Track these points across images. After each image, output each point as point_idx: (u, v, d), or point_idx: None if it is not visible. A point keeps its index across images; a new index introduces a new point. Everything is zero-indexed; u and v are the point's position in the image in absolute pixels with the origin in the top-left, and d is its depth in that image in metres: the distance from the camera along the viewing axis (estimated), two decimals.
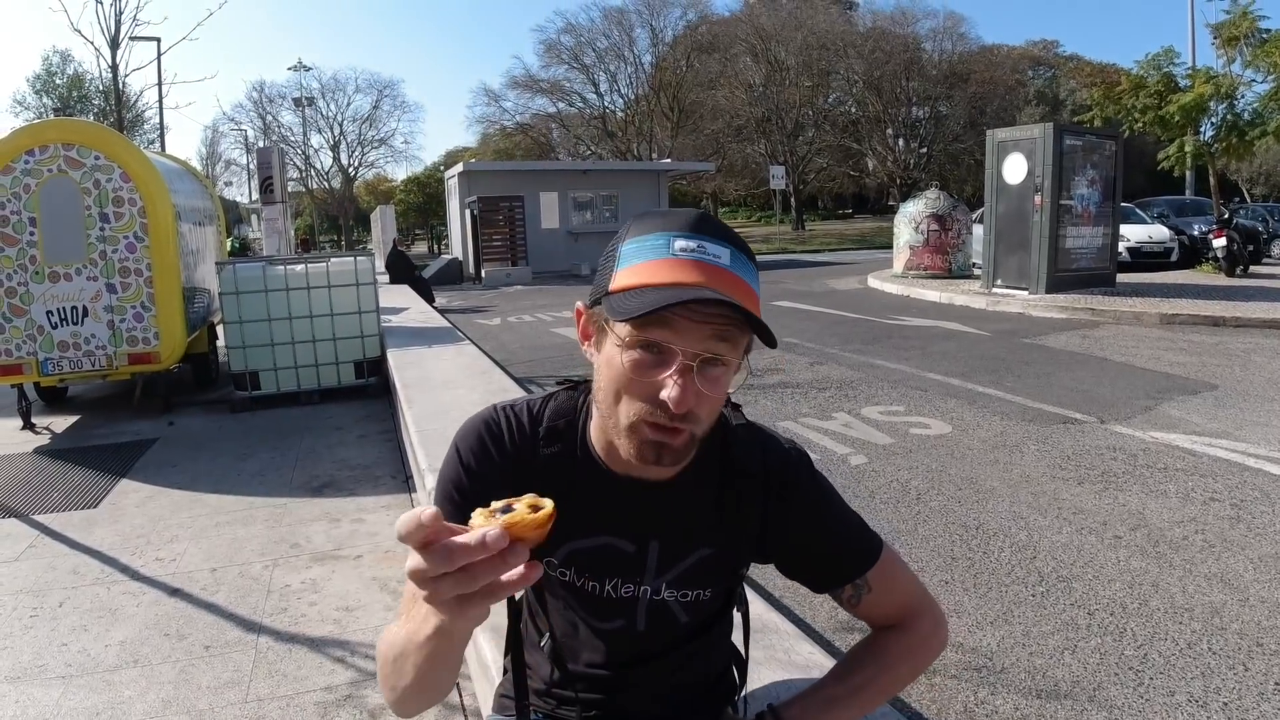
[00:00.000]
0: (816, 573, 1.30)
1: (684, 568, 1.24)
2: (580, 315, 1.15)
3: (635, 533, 1.23)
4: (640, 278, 1.03)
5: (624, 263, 1.06)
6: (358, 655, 3.04)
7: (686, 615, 1.28)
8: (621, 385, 1.06)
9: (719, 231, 1.07)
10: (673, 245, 1.03)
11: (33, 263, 6.35)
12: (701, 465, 1.21)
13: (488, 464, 1.21)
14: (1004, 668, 2.88)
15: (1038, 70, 55.29)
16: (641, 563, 1.24)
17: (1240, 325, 10.02)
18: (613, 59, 50.14)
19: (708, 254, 1.03)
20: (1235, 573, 3.55)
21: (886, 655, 1.29)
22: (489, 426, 1.24)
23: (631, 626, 1.26)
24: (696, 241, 1.04)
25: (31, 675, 2.96)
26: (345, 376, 7.70)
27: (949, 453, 5.37)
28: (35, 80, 46.26)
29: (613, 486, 1.20)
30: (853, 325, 11.34)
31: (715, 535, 1.25)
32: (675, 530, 1.23)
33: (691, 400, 1.02)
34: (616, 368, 1.05)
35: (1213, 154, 16.23)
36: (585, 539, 1.22)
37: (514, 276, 22.37)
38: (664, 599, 1.25)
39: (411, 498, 4.76)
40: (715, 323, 1.01)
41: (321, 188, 54.65)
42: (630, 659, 1.29)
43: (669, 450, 1.06)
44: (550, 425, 1.23)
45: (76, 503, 4.93)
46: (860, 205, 61.80)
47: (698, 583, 1.26)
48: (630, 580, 1.24)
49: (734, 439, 1.26)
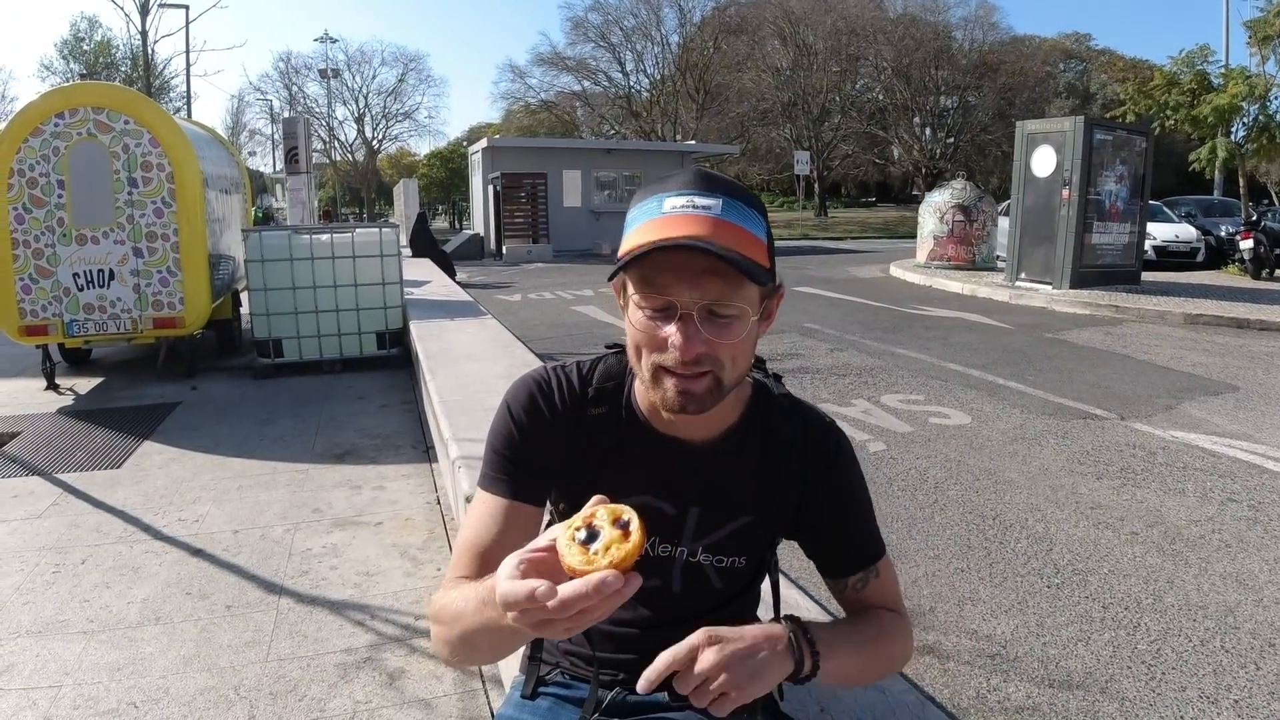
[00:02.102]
0: (837, 553, 1.30)
1: (722, 535, 1.27)
2: (617, 290, 1.19)
3: (677, 496, 1.25)
4: (636, 239, 1.07)
5: (626, 231, 1.11)
6: (378, 619, 3.08)
7: (720, 581, 1.30)
8: (640, 341, 1.11)
9: (712, 184, 1.09)
10: (664, 205, 1.07)
11: (60, 225, 6.41)
12: (743, 431, 1.26)
13: (539, 421, 1.25)
14: (1017, 656, 2.89)
15: (1069, 63, 54.65)
16: (680, 526, 1.26)
17: (1264, 328, 9.93)
18: (640, 38, 49.87)
19: (696, 206, 1.06)
20: (1250, 573, 3.54)
21: (888, 629, 1.28)
22: (540, 385, 1.27)
23: (667, 587, 1.28)
24: (686, 198, 1.07)
25: (54, 630, 3.02)
26: (368, 347, 7.74)
27: (968, 443, 5.37)
28: (63, 45, 46.57)
29: (657, 447, 1.24)
30: (874, 313, 11.31)
31: (754, 504, 1.27)
32: (716, 497, 1.25)
33: (698, 346, 1.06)
34: (633, 326, 1.11)
35: (1243, 155, 16.04)
36: (628, 498, 1.21)
37: (535, 254, 22.38)
38: (699, 562, 1.27)
39: (432, 468, 4.80)
40: (702, 269, 1.04)
41: (345, 160, 54.86)
42: (662, 621, 1.30)
43: (693, 396, 1.10)
44: (599, 386, 1.27)
45: (100, 463, 4.99)
46: (884, 194, 61.43)
47: (734, 550, 1.28)
48: (668, 541, 1.26)
49: (776, 407, 1.29)
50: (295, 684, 2.65)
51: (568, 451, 1.25)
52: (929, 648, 2.95)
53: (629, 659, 1.31)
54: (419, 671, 2.72)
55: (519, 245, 22.74)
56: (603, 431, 1.26)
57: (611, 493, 1.18)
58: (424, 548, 3.73)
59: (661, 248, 1.03)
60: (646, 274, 1.07)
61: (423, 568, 3.53)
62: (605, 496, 0.97)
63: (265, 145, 53.73)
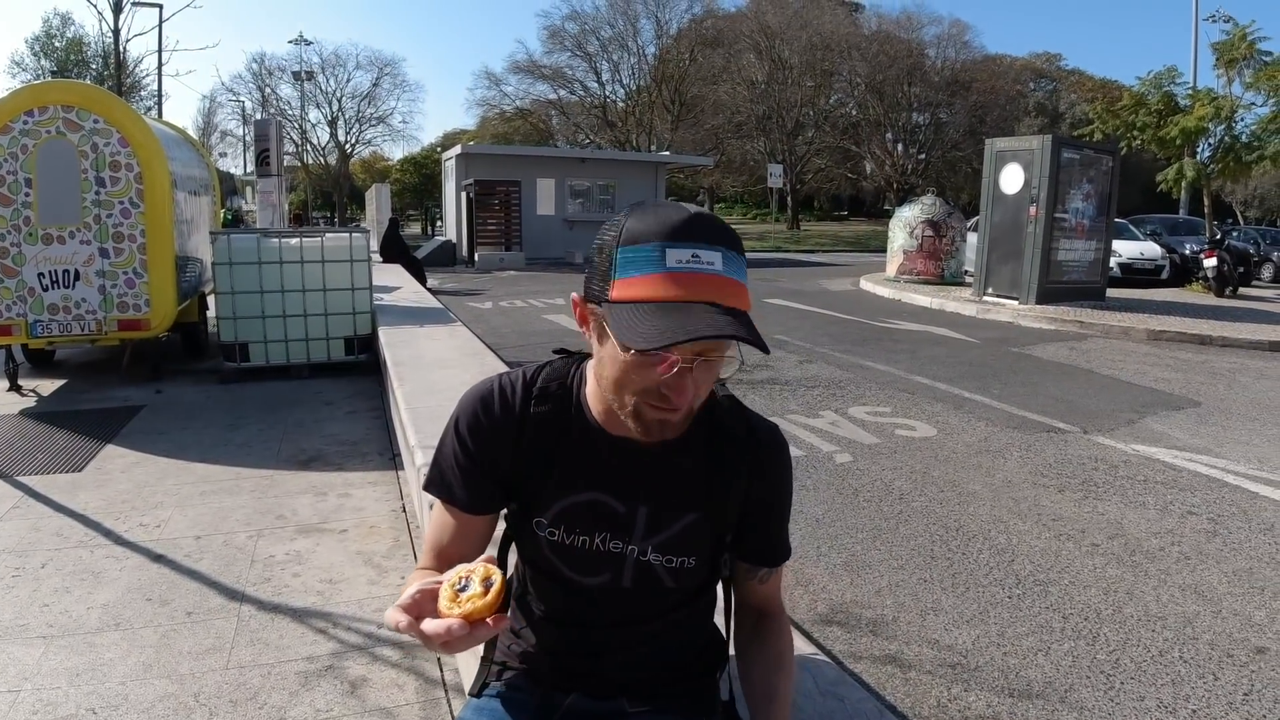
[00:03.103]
0: (764, 545, 1.37)
1: (671, 533, 1.30)
2: (576, 305, 1.18)
3: (626, 494, 1.28)
4: (639, 291, 1.06)
5: (621, 272, 1.09)
6: (340, 627, 3.06)
7: (672, 581, 1.32)
8: (622, 379, 1.13)
9: (709, 234, 1.09)
10: (668, 257, 1.06)
11: (26, 224, 6.32)
12: (689, 432, 1.28)
13: (481, 434, 1.29)
14: (978, 666, 2.92)
15: (1039, 82, 55.44)
16: (630, 524, 1.29)
17: (1226, 345, 10.11)
18: (616, 48, 50.01)
19: (701, 263, 1.06)
20: (1209, 585, 3.60)
21: (778, 657, 1.35)
22: (483, 398, 1.31)
23: (617, 581, 1.31)
24: (689, 251, 1.06)
25: (12, 634, 2.97)
26: (335, 352, 7.69)
27: (933, 455, 5.42)
28: (34, 42, 46.02)
29: (604, 445, 1.27)
30: (843, 326, 11.38)
31: (702, 501, 1.30)
32: (664, 495, 1.29)
33: (690, 394, 1.12)
34: (619, 364, 1.12)
35: (1208, 175, 16.33)
36: (576, 495, 1.28)
37: (507, 261, 22.35)
38: (650, 561, 1.30)
39: (399, 475, 4.77)
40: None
41: (317, 163, 54.42)
42: (614, 619, 1.34)
43: (670, 425, 1.18)
44: (542, 387, 1.31)
45: (62, 466, 4.92)
46: (856, 207, 61.91)
47: (683, 549, 1.31)
48: (619, 538, 1.29)
49: (719, 407, 1.33)
50: (256, 692, 2.63)
51: (513, 455, 1.29)
52: (891, 657, 2.97)
53: (584, 661, 1.35)
54: (381, 680, 2.71)
55: (491, 252, 22.70)
56: (548, 430, 1.28)
57: (561, 489, 1.29)
58: (388, 555, 3.71)
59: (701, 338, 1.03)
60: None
61: (387, 575, 3.51)
62: (492, 556, 1.16)
63: (237, 147, 53.39)
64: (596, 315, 1.15)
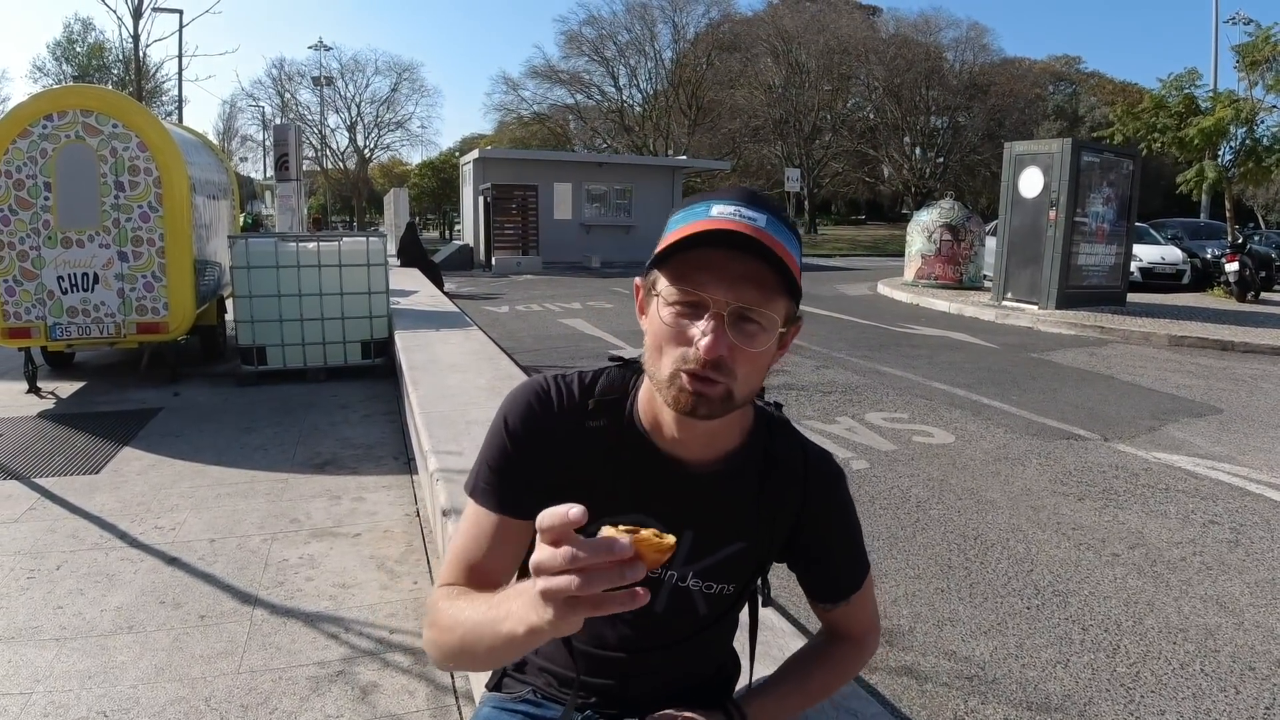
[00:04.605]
0: (822, 579, 1.34)
1: (714, 560, 1.26)
2: (638, 290, 1.18)
3: (672, 518, 1.20)
4: (678, 234, 1.07)
5: (668, 230, 1.11)
6: (352, 632, 3.05)
7: (706, 607, 1.29)
8: (662, 338, 1.09)
9: (758, 201, 1.10)
10: (712, 209, 1.08)
11: (46, 227, 6.37)
12: (744, 457, 1.25)
13: (534, 434, 1.22)
14: (996, 678, 2.88)
15: (1058, 85, 55.12)
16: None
17: (1249, 351, 9.99)
18: (633, 53, 50.10)
19: (745, 216, 1.07)
20: (1231, 596, 3.55)
21: (835, 665, 1.38)
22: (539, 395, 1.25)
23: (649, 608, 1.21)
24: (734, 207, 1.08)
25: (26, 636, 2.98)
26: (352, 356, 7.70)
27: (951, 462, 5.37)
28: (55, 47, 46.57)
29: (656, 465, 1.21)
30: (860, 331, 11.33)
31: (750, 530, 1.26)
32: (711, 521, 1.24)
33: (723, 348, 1.05)
34: (658, 323, 1.10)
35: (1230, 179, 16.19)
36: (622, 516, 1.18)
37: (524, 265, 22.38)
38: (688, 587, 1.26)
39: (413, 479, 4.77)
40: (744, 272, 1.05)
41: (336, 168, 54.79)
42: (643, 644, 1.30)
43: (705, 400, 1.08)
44: (600, 398, 1.24)
45: (79, 468, 4.94)
46: (874, 212, 61.70)
47: (724, 576, 1.27)
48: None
49: (777, 432, 1.30)
50: (266, 696, 2.62)
51: (563, 465, 1.22)
52: (907, 668, 2.94)
53: (606, 683, 1.31)
54: (392, 686, 2.69)
55: (508, 257, 22.74)
56: (600, 445, 1.22)
57: (605, 510, 1.17)
58: (401, 560, 3.70)
59: (709, 242, 1.03)
60: (684, 270, 1.07)
61: (399, 580, 3.50)
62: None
63: (256, 151, 53.68)
64: (646, 283, 1.15)
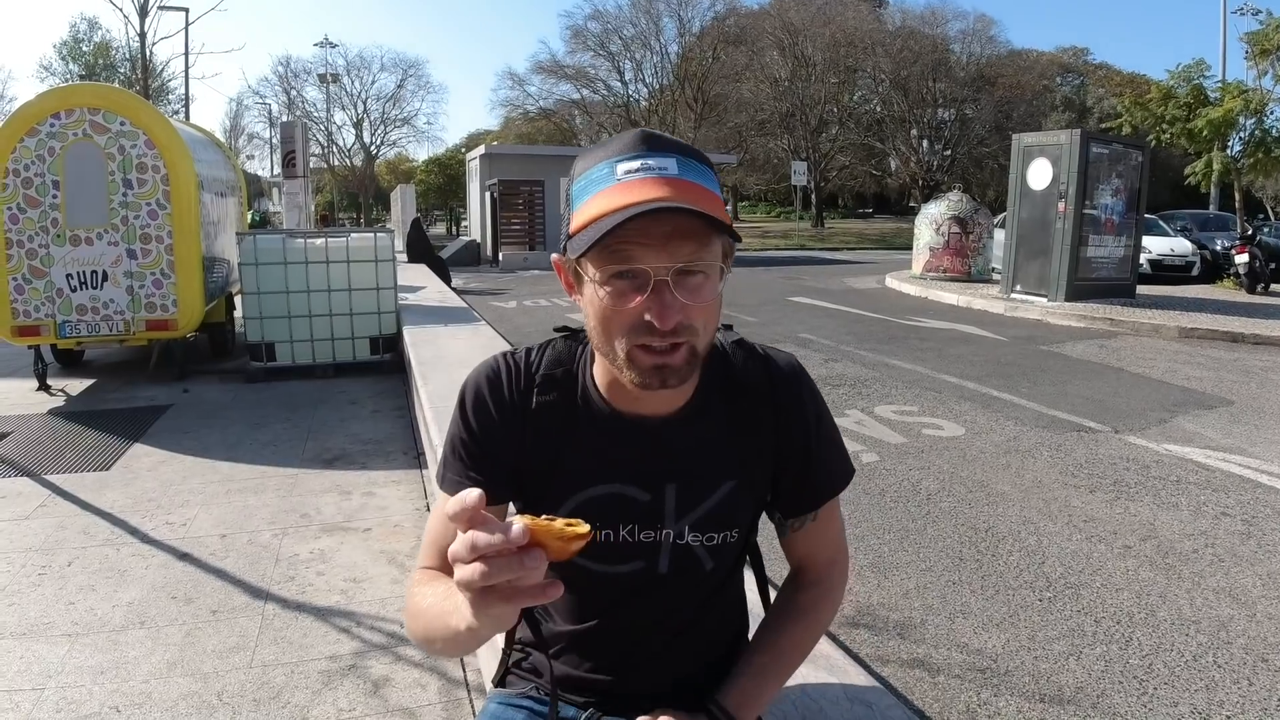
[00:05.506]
0: (796, 493, 1.27)
1: (708, 507, 1.19)
2: (559, 268, 1.12)
3: (648, 479, 1.18)
4: (592, 212, 1.01)
5: (576, 203, 1.05)
6: (363, 626, 3.05)
7: (711, 560, 1.23)
8: (607, 320, 1.04)
9: (662, 144, 1.04)
10: (616, 170, 1.01)
11: (54, 225, 6.39)
12: (706, 391, 1.19)
13: (487, 417, 1.19)
14: (1008, 670, 2.87)
15: (1066, 77, 54.81)
16: (659, 510, 1.19)
17: (1259, 343, 9.94)
18: (639, 47, 49.95)
19: (652, 169, 1.00)
20: (1244, 588, 3.53)
21: (803, 613, 1.29)
22: (488, 378, 1.22)
23: (652, 569, 1.21)
24: (639, 161, 1.01)
25: (38, 632, 2.99)
26: (360, 352, 7.72)
27: (961, 455, 5.35)
28: (62, 46, 46.63)
29: (619, 430, 1.17)
30: (869, 324, 11.30)
31: (734, 466, 1.21)
32: (691, 469, 1.19)
33: (677, 313, 1.00)
34: (598, 305, 1.04)
35: (1239, 170, 16.10)
36: (593, 488, 1.18)
37: (531, 261, 22.37)
38: (688, 543, 1.20)
39: (423, 474, 4.77)
40: (669, 232, 0.99)
41: (343, 165, 54.82)
42: (648, 613, 1.24)
43: (671, 370, 1.04)
44: (546, 374, 1.21)
45: (89, 464, 4.96)
46: (881, 205, 61.53)
47: (723, 523, 1.21)
48: (649, 527, 1.19)
49: (732, 359, 1.24)
50: (279, 690, 2.63)
51: (521, 445, 1.19)
52: (919, 661, 2.93)
53: (605, 679, 1.26)
54: (403, 680, 2.70)
55: (515, 252, 22.74)
56: (553, 420, 1.19)
57: (574, 485, 1.17)
58: (412, 554, 3.70)
59: (636, 215, 0.95)
60: (609, 246, 0.99)
61: (410, 575, 3.49)
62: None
63: (263, 149, 53.79)
64: (568, 264, 1.08)
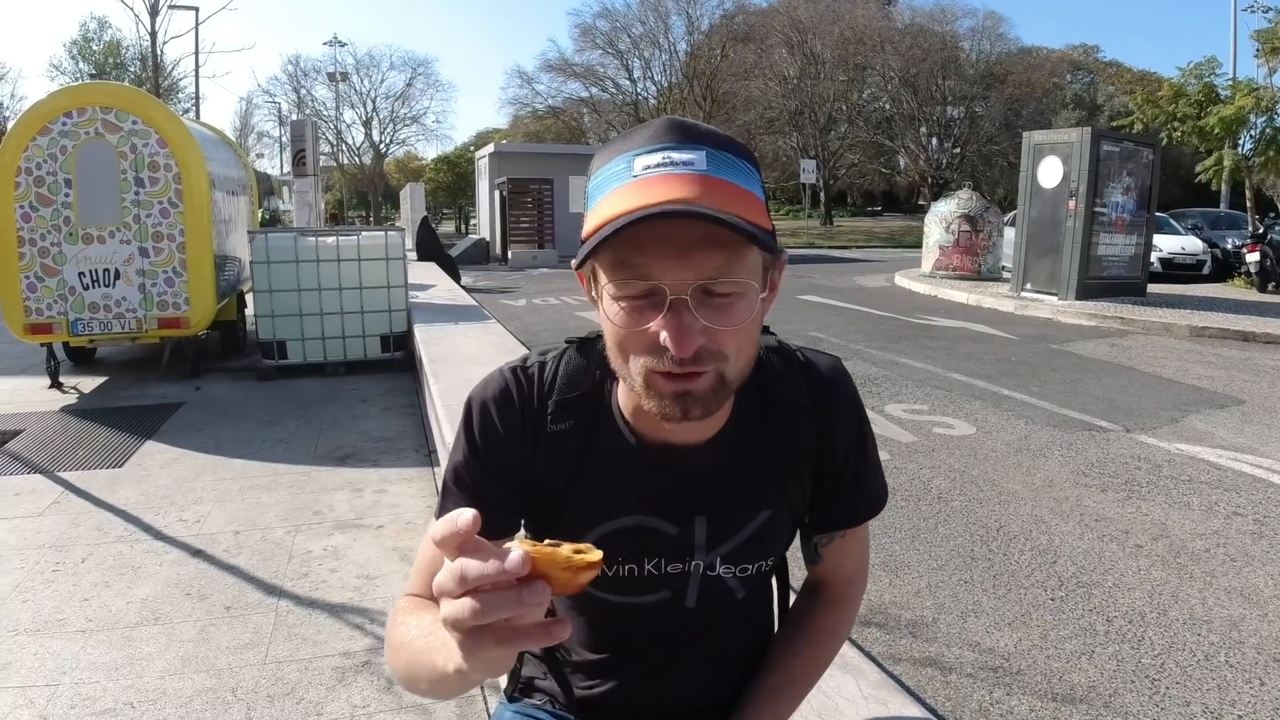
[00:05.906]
0: (828, 510, 1.14)
1: (742, 539, 1.08)
2: (581, 276, 0.98)
3: (676, 512, 1.06)
4: (603, 214, 0.86)
5: (590, 203, 0.91)
6: (376, 623, 3.07)
7: (743, 590, 1.13)
8: (622, 341, 0.91)
9: (692, 134, 0.88)
10: (634, 165, 0.87)
11: (67, 224, 6.42)
12: (740, 413, 1.06)
13: (495, 442, 1.06)
14: (1020, 669, 2.87)
15: (1076, 75, 54.57)
16: (688, 544, 1.07)
17: (1270, 341, 9.89)
18: (647, 45, 49.93)
19: (675, 163, 0.85)
20: (1255, 588, 3.52)
21: (824, 637, 1.19)
22: (496, 399, 1.07)
23: (679, 600, 1.10)
24: (661, 154, 0.86)
25: (52, 628, 3.01)
26: (371, 350, 7.74)
27: (972, 454, 5.35)
28: (72, 46, 46.85)
29: (643, 459, 1.04)
30: (879, 322, 11.29)
31: (772, 494, 1.09)
32: (725, 501, 1.07)
33: (696, 338, 0.86)
34: (610, 323, 0.91)
35: (1250, 168, 16.04)
36: (614, 521, 1.06)
37: (540, 259, 22.41)
38: (719, 575, 1.09)
39: (434, 471, 4.79)
40: (692, 241, 0.84)
41: (352, 163, 54.92)
42: (673, 643, 1.14)
43: (695, 398, 0.90)
44: (561, 399, 1.07)
45: (102, 462, 4.99)
46: (890, 203, 61.35)
47: (757, 553, 1.10)
48: (676, 560, 1.08)
49: (768, 368, 1.09)
50: (293, 686, 2.64)
51: (529, 472, 1.07)
52: (931, 660, 2.93)
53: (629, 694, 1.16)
54: None
55: (524, 250, 22.77)
56: (568, 449, 1.05)
57: (592, 518, 1.05)
58: None
59: (638, 219, 0.81)
60: (621, 255, 0.86)
61: None
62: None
63: (273, 147, 53.84)
64: (587, 272, 0.95)
